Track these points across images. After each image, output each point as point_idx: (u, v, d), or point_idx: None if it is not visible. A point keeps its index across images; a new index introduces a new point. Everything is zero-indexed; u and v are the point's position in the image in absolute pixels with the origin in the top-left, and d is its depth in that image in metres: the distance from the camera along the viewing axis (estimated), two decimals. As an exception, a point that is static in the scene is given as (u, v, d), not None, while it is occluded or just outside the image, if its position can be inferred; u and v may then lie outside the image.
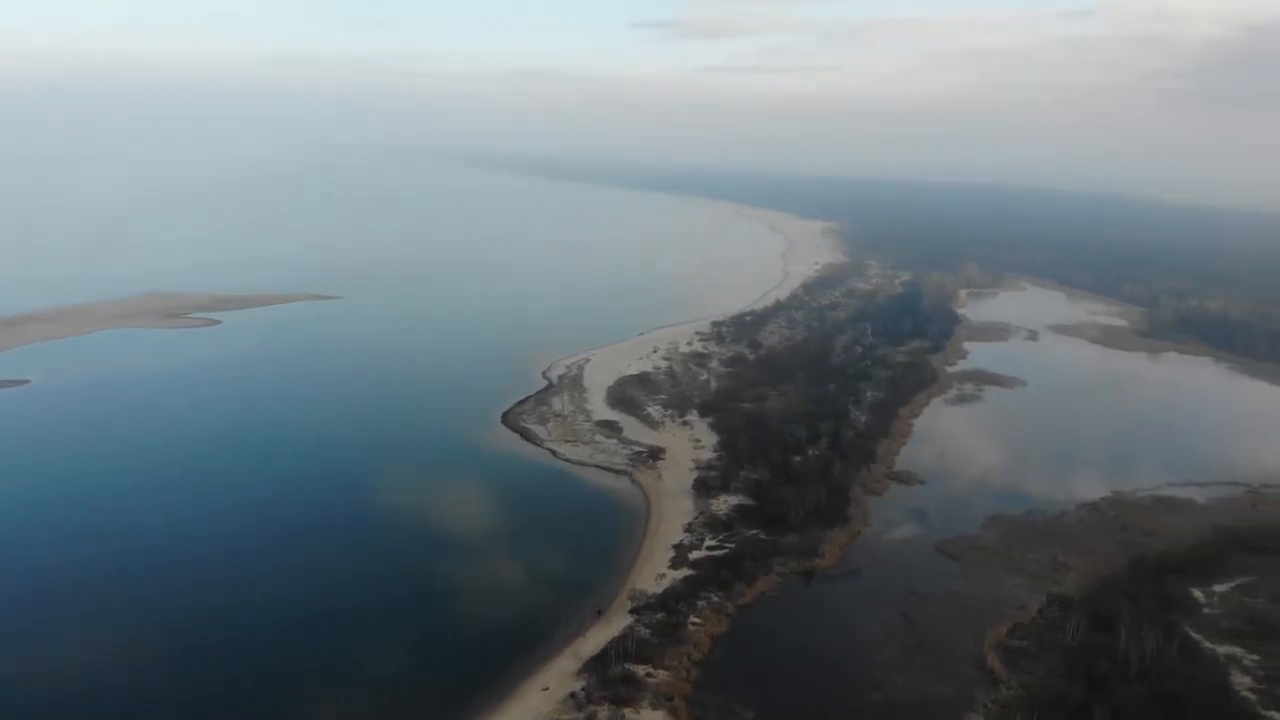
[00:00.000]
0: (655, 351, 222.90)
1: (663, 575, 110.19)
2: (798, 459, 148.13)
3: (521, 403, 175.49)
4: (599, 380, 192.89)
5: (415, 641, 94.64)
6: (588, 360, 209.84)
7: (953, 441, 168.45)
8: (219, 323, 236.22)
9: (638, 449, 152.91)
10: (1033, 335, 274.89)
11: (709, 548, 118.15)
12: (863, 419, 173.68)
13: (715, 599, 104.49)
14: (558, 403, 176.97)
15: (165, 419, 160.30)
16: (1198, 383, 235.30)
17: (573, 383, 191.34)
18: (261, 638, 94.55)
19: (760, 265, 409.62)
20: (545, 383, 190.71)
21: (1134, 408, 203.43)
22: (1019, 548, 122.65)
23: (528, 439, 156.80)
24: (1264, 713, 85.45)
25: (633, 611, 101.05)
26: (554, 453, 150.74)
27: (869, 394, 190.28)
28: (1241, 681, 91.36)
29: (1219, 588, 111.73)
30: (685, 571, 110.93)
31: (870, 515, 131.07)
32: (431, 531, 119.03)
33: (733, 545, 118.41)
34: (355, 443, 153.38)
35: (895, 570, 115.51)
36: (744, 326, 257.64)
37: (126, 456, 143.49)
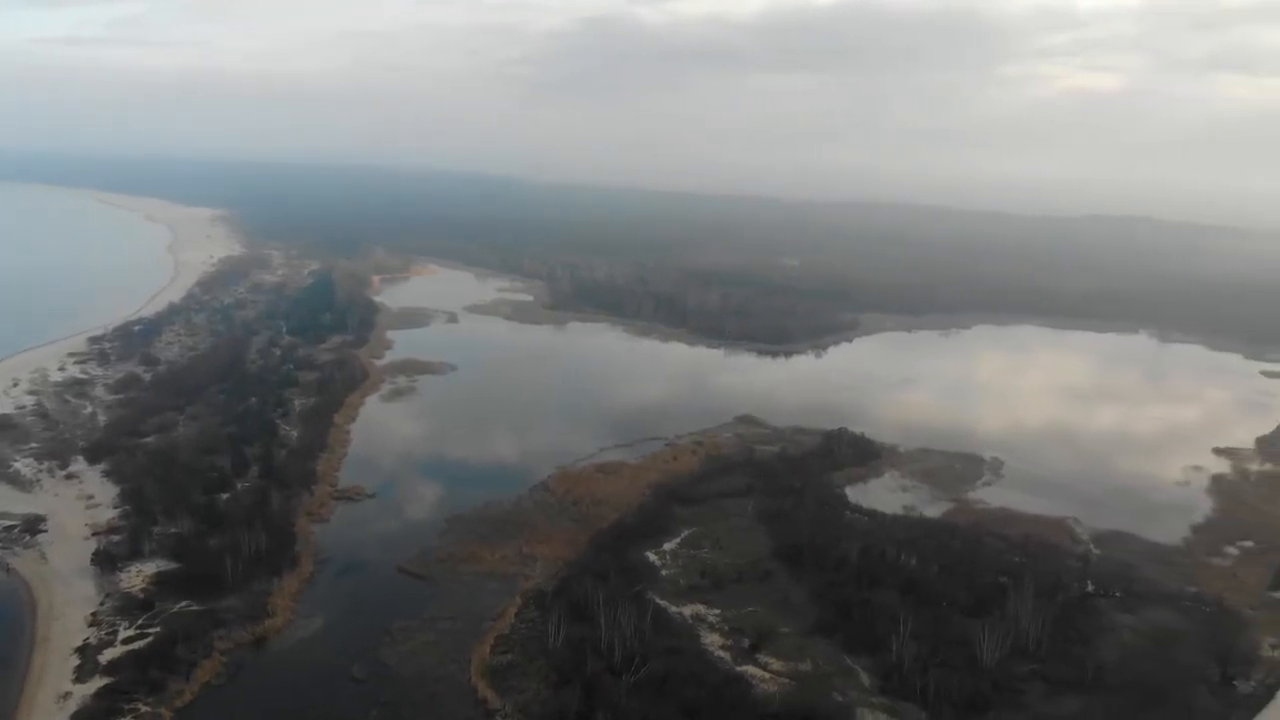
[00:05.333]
0: (16, 385, 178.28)
1: (68, 695, 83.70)
2: (225, 497, 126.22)
3: None
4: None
5: None
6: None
7: (396, 442, 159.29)
8: None
9: (6, 523, 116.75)
10: (452, 318, 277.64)
11: (126, 640, 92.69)
12: (295, 434, 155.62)
13: (145, 709, 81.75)
14: None
15: None
16: (601, 347, 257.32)
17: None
18: None
19: (143, 262, 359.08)
20: None
21: (555, 379, 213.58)
22: (485, 547, 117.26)
23: None
24: (739, 668, 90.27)
25: (25, 764, 73.96)
26: None
27: (297, 403, 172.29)
28: (713, 640, 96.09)
29: (668, 546, 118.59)
30: (99, 681, 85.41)
31: (321, 549, 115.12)
32: None
33: (158, 629, 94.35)
34: None
35: (360, 610, 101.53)
36: (133, 339, 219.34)
37: None
